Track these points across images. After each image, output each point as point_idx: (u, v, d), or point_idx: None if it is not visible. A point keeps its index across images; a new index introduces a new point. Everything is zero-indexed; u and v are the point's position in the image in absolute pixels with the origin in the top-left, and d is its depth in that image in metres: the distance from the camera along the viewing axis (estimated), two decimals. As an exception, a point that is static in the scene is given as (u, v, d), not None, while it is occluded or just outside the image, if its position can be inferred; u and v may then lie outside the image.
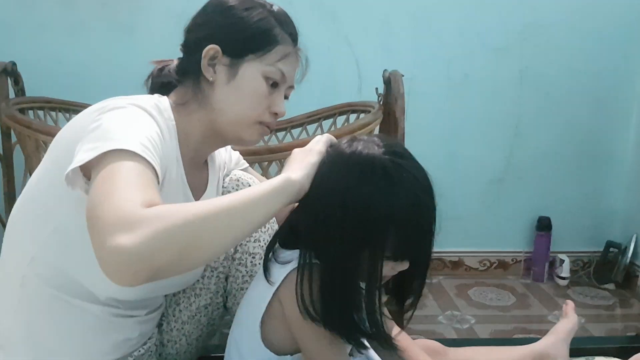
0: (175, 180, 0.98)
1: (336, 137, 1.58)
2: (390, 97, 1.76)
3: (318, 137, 0.94)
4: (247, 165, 1.25)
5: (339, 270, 0.85)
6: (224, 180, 1.16)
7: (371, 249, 0.84)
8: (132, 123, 0.84)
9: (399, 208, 0.83)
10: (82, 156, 0.77)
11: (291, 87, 1.05)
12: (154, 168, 0.79)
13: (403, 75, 1.77)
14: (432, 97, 2.30)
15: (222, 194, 1.14)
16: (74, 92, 1.94)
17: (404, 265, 0.88)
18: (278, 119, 1.05)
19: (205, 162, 1.12)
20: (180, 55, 1.05)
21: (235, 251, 1.14)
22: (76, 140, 0.82)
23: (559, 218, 2.44)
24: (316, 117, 2.03)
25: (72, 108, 1.91)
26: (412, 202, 0.84)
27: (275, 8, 1.02)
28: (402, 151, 0.89)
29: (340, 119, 2.02)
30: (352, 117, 1.98)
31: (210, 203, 0.73)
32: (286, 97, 1.06)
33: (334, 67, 2.22)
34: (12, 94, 1.80)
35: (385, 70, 1.82)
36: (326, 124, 2.05)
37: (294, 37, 1.03)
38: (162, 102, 0.99)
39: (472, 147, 2.39)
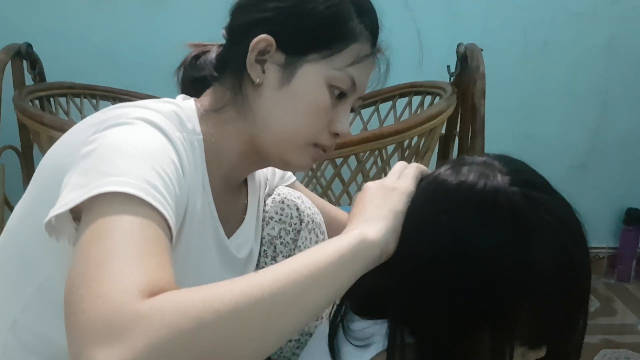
0: (201, 212, 0.72)
1: (402, 129, 1.33)
2: (466, 76, 1.46)
3: (401, 166, 0.66)
4: (295, 178, 0.98)
5: (446, 357, 0.58)
6: (264, 202, 0.90)
7: (494, 327, 0.57)
8: (139, 149, 0.59)
9: (537, 268, 0.56)
10: (67, 198, 0.54)
11: (361, 97, 0.77)
12: (166, 221, 0.55)
13: (482, 50, 1.46)
14: (505, 70, 1.97)
15: (263, 221, 0.88)
16: (99, 75, 1.71)
17: (540, 353, 0.60)
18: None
19: (244, 181, 0.86)
20: (223, 41, 0.79)
21: None
22: (64, 169, 0.59)
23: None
24: (371, 100, 1.73)
25: (98, 93, 1.68)
26: (557, 258, 0.56)
27: None
28: (537, 181, 0.61)
29: (401, 102, 1.73)
30: (415, 100, 1.69)
31: (242, 284, 0.48)
32: (353, 110, 0.78)
33: (390, 36, 1.91)
34: (29, 80, 1.57)
35: (460, 44, 1.51)
36: (383, 108, 1.75)
37: (374, 33, 0.75)
38: (186, 108, 0.73)
39: (551, 128, 2.06)
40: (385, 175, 1.32)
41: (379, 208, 0.60)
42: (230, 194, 0.81)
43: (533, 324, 0.57)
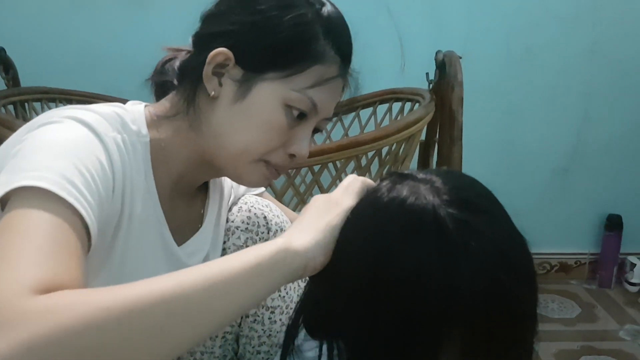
0: (144, 217, 0.70)
1: (380, 137, 1.31)
2: (445, 84, 1.43)
3: (349, 180, 0.63)
4: (263, 189, 0.95)
5: None
6: (230, 210, 0.87)
7: (420, 354, 0.53)
8: (61, 146, 0.58)
9: (461, 293, 0.51)
10: None
11: (327, 119, 0.74)
12: (82, 219, 0.53)
13: (461, 57, 1.44)
14: (488, 75, 1.95)
15: (229, 231, 0.85)
16: (77, 80, 1.66)
17: None
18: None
19: (203, 185, 0.83)
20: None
21: None
22: (0, 169, 0.58)
23: (631, 216, 2.10)
24: (352, 106, 1.70)
25: (75, 98, 1.64)
26: (482, 284, 0.51)
27: (326, 10, 0.71)
28: (477, 201, 0.56)
29: (381, 109, 1.70)
30: (396, 106, 1.67)
31: (145, 285, 0.45)
32: (319, 130, 0.75)
33: (372, 43, 1.89)
34: (2, 85, 1.53)
35: (438, 51, 1.49)
36: (364, 114, 1.73)
37: (344, 55, 0.72)
38: (133, 111, 0.72)
39: (534, 133, 2.05)
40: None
41: (315, 220, 0.58)
42: (183, 201, 0.79)
43: (466, 354, 0.53)
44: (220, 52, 0.69)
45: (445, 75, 1.42)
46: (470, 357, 0.53)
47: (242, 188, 0.90)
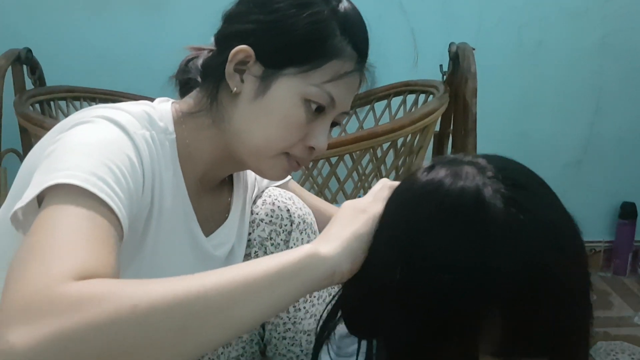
0: (172, 210, 0.73)
1: (395, 128, 1.33)
2: (458, 76, 1.46)
3: (379, 186, 0.63)
4: (290, 177, 0.97)
5: None
6: (254, 202, 0.90)
7: (459, 339, 0.50)
8: (92, 145, 0.60)
9: (505, 275, 0.48)
10: (27, 193, 0.56)
11: (345, 113, 0.76)
12: (114, 214, 0.56)
13: (474, 49, 1.46)
14: (500, 69, 1.96)
15: (253, 223, 0.88)
16: (99, 79, 1.71)
17: None
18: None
19: (228, 179, 0.86)
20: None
21: None
22: (34, 170, 0.61)
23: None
24: (366, 100, 1.73)
25: (98, 96, 1.69)
26: (530, 266, 0.48)
27: (343, 7, 0.73)
28: (523, 180, 0.54)
29: (396, 101, 1.73)
30: (410, 98, 1.69)
31: (172, 284, 0.46)
32: (337, 124, 0.78)
33: (385, 37, 1.89)
34: (29, 85, 1.58)
35: (452, 44, 1.51)
36: (379, 106, 1.76)
37: (361, 50, 0.74)
38: (160, 109, 0.74)
39: (546, 126, 2.05)
40: (380, 173, 1.32)
41: (343, 228, 0.57)
42: (210, 194, 0.82)
43: (506, 340, 0.49)
44: (241, 50, 0.71)
45: (459, 67, 1.44)
46: (511, 344, 0.50)
47: (266, 181, 0.93)
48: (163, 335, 0.44)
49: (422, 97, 1.62)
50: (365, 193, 1.37)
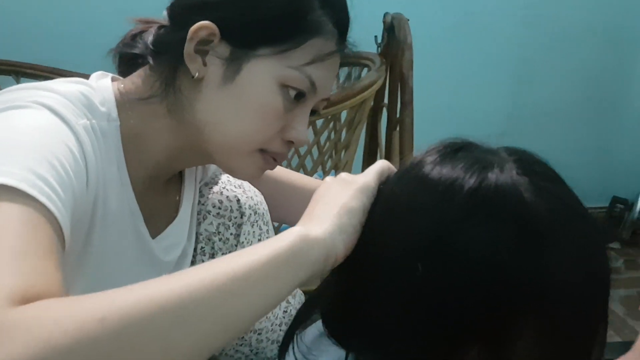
0: (118, 209, 0.62)
1: (333, 103, 1.26)
2: (394, 47, 1.39)
3: (380, 163, 0.55)
4: None
5: None
6: (200, 193, 0.79)
7: (486, 349, 0.45)
8: (29, 136, 0.50)
9: (552, 277, 0.44)
10: None
11: (325, 99, 0.66)
12: (56, 219, 0.46)
13: (408, 20, 1.40)
14: (426, 41, 1.90)
15: (199, 215, 0.78)
16: (28, 50, 1.50)
17: None
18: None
19: (178, 173, 0.75)
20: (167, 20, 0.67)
21: None
22: None
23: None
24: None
25: (23, 71, 1.46)
26: (577, 266, 0.45)
27: None
28: (551, 173, 0.50)
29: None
30: (342, 72, 1.61)
31: (143, 289, 0.38)
32: (316, 112, 0.67)
33: None
34: None
35: (387, 14, 1.45)
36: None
37: (342, 27, 0.64)
38: (100, 89, 0.62)
39: (472, 97, 2.06)
40: (321, 149, 1.24)
41: (330, 204, 0.50)
42: (157, 190, 0.70)
43: (537, 348, 0.45)
44: (204, 26, 0.60)
45: (395, 39, 1.37)
46: (546, 353, 0.46)
47: (213, 165, 0.81)
48: (143, 347, 0.36)
49: (355, 70, 1.55)
50: (304, 170, 1.29)
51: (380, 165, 0.54)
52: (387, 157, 1.47)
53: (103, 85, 0.63)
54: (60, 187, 0.48)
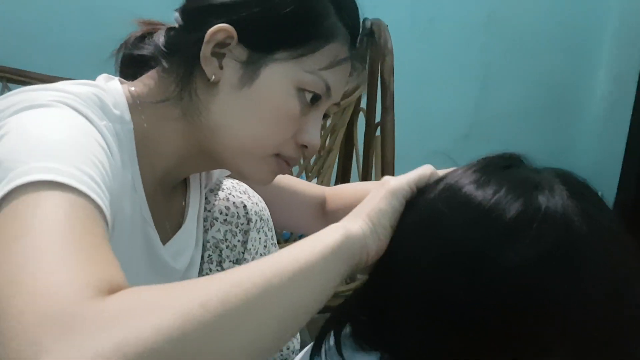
0: (131, 217, 0.61)
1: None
2: (373, 52, 1.40)
3: (423, 168, 0.56)
4: None
5: None
6: (205, 199, 0.77)
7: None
8: (65, 133, 0.47)
9: (590, 310, 0.46)
10: None
11: (337, 104, 0.66)
12: (103, 212, 0.44)
13: (387, 26, 1.42)
14: (394, 45, 1.95)
15: (206, 222, 0.76)
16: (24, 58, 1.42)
17: None
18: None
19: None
20: (174, 23, 0.65)
21: None
22: None
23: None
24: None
25: (6, 76, 1.37)
26: (617, 300, 0.46)
27: None
28: (596, 198, 0.51)
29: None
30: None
31: (222, 281, 0.39)
32: (328, 116, 0.68)
33: None
34: None
35: (366, 19, 1.45)
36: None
37: (354, 33, 0.64)
38: (111, 91, 0.60)
39: (437, 100, 2.10)
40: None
41: (364, 205, 0.52)
42: (165, 195, 0.68)
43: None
44: (222, 29, 0.59)
45: (375, 44, 1.38)
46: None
47: (218, 170, 0.79)
48: (241, 327, 0.37)
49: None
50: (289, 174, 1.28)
51: (423, 170, 0.55)
52: (365, 160, 1.48)
53: (113, 88, 0.61)
54: (104, 184, 0.47)
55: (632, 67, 2.11)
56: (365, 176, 1.49)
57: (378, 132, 1.42)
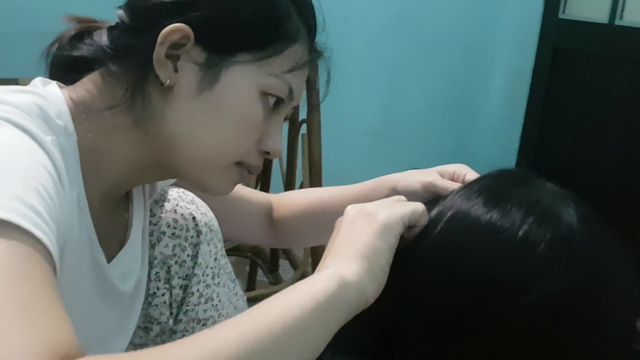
0: (79, 238, 0.54)
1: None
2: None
3: (397, 198, 0.54)
4: None
5: None
6: (151, 210, 0.70)
7: None
8: (6, 160, 0.42)
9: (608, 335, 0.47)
10: None
11: (295, 106, 0.63)
12: (48, 251, 0.40)
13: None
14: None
15: (152, 236, 0.69)
16: None
17: None
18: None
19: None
20: (117, 19, 0.57)
21: (178, 321, 0.71)
22: None
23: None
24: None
25: None
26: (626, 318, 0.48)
27: None
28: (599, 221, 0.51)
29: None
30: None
31: (195, 348, 0.36)
32: (287, 119, 0.63)
33: None
34: None
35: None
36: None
37: (313, 34, 0.61)
38: (52, 99, 0.53)
39: (351, 99, 2.11)
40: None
41: (355, 243, 0.47)
42: (109, 209, 0.61)
43: None
44: (177, 29, 0.53)
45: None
46: None
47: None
48: None
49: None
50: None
51: (415, 206, 0.51)
52: (290, 157, 1.45)
53: (53, 93, 0.54)
54: (49, 217, 0.41)
55: (526, 67, 2.26)
56: (290, 174, 1.46)
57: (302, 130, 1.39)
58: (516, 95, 2.31)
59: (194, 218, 0.70)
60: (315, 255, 1.35)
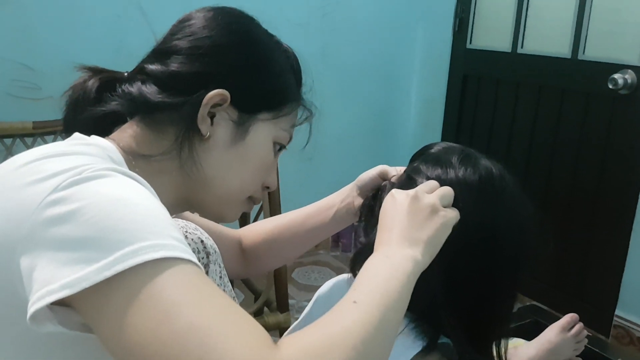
0: None
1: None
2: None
3: (428, 185, 0.67)
4: None
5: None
6: None
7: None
8: (140, 205, 0.49)
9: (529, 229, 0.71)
10: (61, 275, 0.44)
11: None
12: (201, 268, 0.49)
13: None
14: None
15: None
16: None
17: None
18: None
19: None
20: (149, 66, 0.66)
21: None
22: (10, 247, 0.47)
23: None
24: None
25: None
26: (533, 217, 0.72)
27: (290, 51, 0.74)
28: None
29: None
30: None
31: (351, 315, 0.49)
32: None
33: (124, 40, 1.76)
34: None
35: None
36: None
37: (300, 89, 0.76)
38: (105, 146, 0.60)
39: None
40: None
41: (420, 230, 0.60)
42: None
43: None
44: (219, 94, 0.63)
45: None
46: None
47: None
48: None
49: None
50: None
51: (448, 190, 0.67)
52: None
53: (105, 144, 0.61)
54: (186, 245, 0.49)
55: (439, 93, 2.44)
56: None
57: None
58: (431, 119, 2.48)
59: (202, 241, 0.76)
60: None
